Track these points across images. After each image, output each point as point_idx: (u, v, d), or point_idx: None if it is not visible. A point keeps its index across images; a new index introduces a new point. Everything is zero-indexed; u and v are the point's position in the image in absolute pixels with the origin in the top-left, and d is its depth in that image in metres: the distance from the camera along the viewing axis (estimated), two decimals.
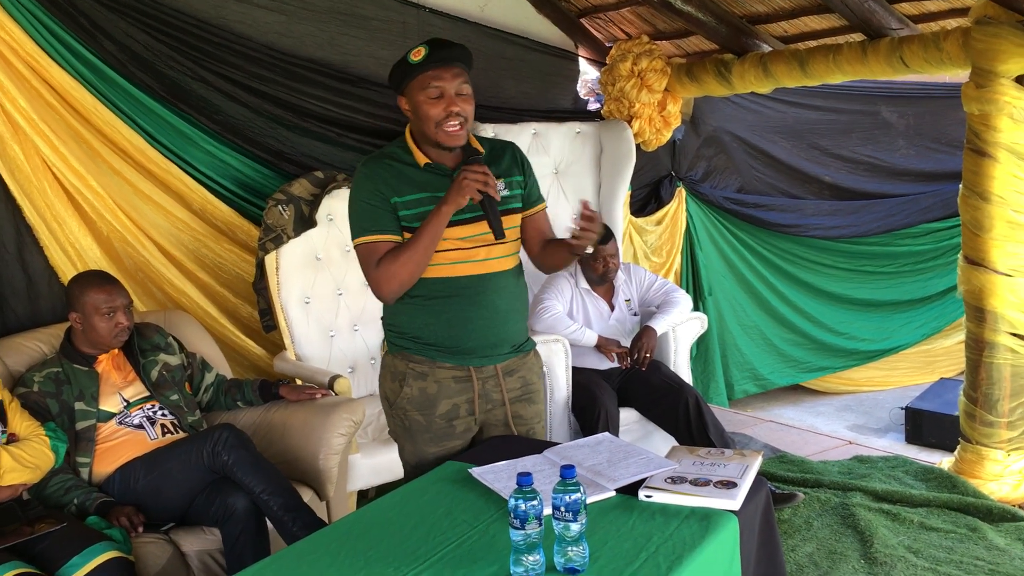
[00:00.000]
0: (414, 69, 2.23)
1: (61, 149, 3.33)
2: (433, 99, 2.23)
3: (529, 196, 2.43)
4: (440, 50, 2.23)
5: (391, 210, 2.27)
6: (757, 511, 2.04)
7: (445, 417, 2.37)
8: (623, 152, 4.69)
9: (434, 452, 2.39)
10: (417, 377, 2.36)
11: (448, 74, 2.23)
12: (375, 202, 2.28)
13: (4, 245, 3.26)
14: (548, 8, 4.91)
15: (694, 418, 3.65)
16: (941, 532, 3.41)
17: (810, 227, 5.81)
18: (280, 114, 4.00)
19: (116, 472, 2.77)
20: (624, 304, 4.01)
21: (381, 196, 2.27)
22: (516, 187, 2.39)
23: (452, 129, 2.24)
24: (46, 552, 2.38)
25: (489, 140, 2.47)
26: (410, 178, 2.30)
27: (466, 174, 2.18)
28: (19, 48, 3.23)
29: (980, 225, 3.77)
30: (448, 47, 2.25)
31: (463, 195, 2.18)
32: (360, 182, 2.31)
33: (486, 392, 2.39)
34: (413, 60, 2.23)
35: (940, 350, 6.25)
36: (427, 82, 2.23)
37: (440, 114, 2.23)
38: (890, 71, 4.08)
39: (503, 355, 2.39)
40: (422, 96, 2.24)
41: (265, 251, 3.68)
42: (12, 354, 3.01)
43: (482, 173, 2.18)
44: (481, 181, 2.18)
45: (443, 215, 2.21)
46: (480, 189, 2.18)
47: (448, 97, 2.23)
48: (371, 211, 2.28)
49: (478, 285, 2.31)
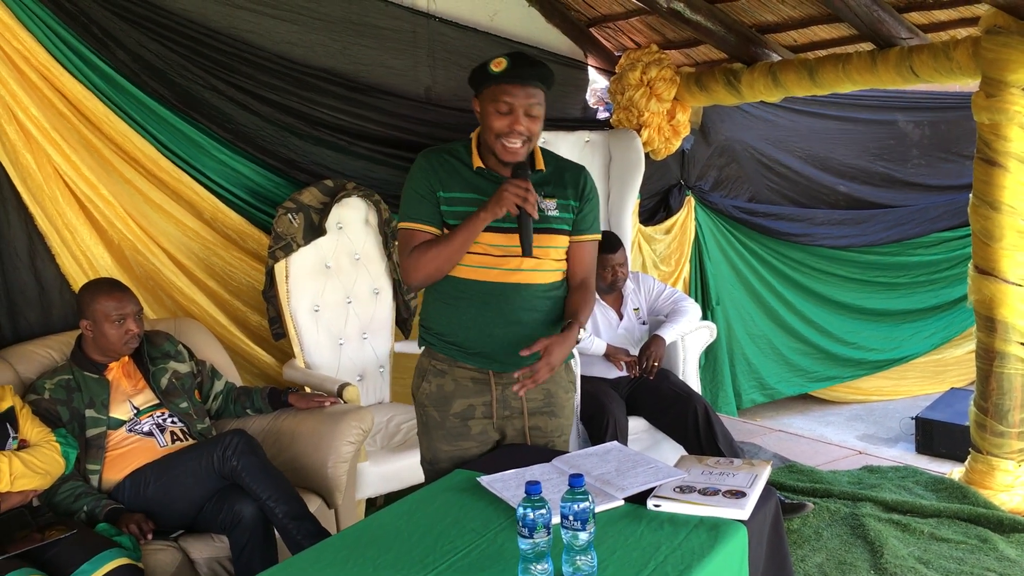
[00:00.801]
0: (490, 79, 2.24)
1: (73, 158, 3.35)
2: (501, 113, 2.24)
3: (579, 223, 2.40)
4: (520, 66, 2.23)
5: (436, 202, 2.31)
6: (766, 521, 2.03)
7: (460, 416, 2.38)
8: (632, 161, 4.70)
9: (447, 451, 2.40)
10: (437, 374, 2.40)
11: (522, 92, 2.23)
12: (422, 191, 2.32)
13: (16, 253, 3.28)
14: (557, 17, 4.92)
15: (703, 427, 3.64)
16: (952, 543, 3.39)
17: (819, 236, 5.80)
18: (291, 123, 4.02)
19: (126, 479, 2.78)
20: (633, 313, 4.01)
21: (429, 187, 2.31)
22: (568, 211, 2.38)
23: (512, 145, 2.25)
24: (56, 559, 2.39)
25: (558, 159, 2.46)
26: (462, 176, 2.33)
27: (507, 187, 2.20)
28: (31, 57, 3.25)
29: (990, 235, 3.76)
30: (529, 65, 2.25)
31: (501, 206, 2.21)
32: (415, 170, 2.35)
33: (505, 399, 2.40)
34: (493, 70, 2.24)
35: (950, 360, 6.22)
36: (499, 95, 2.23)
37: (504, 128, 2.24)
38: (899, 80, 4.08)
39: (528, 365, 2.37)
40: (491, 107, 2.25)
41: (275, 259, 3.70)
42: (24, 361, 3.03)
43: (523, 188, 2.20)
44: (520, 196, 2.19)
45: (479, 220, 2.23)
46: (518, 204, 2.20)
47: (516, 114, 2.23)
48: (417, 199, 2.32)
49: (501, 293, 2.32)
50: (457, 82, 4.49)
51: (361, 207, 3.98)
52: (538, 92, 2.26)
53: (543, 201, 2.32)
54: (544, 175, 2.37)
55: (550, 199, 2.34)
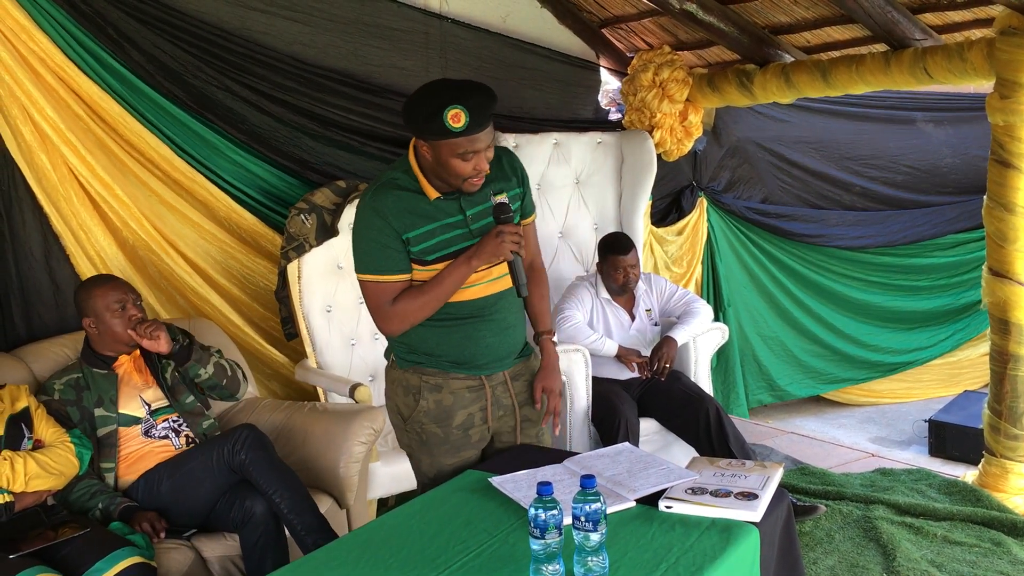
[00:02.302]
0: (451, 134, 2.11)
1: (88, 158, 3.37)
2: (466, 160, 2.16)
3: (524, 208, 2.41)
4: (478, 115, 2.11)
5: (402, 247, 2.23)
6: (778, 523, 2.03)
7: (462, 428, 2.39)
8: (644, 162, 4.69)
9: (451, 463, 2.40)
10: (432, 390, 2.37)
11: (485, 137, 2.15)
12: (385, 240, 2.22)
13: (31, 253, 3.31)
14: (570, 19, 4.92)
15: (714, 429, 3.63)
16: (965, 546, 3.38)
17: (833, 237, 5.77)
18: (304, 123, 4.03)
19: (140, 478, 2.80)
20: (645, 314, 4.01)
21: (393, 233, 2.21)
22: (517, 199, 2.37)
23: (477, 181, 2.22)
24: (69, 557, 2.41)
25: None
26: (421, 210, 2.24)
27: (505, 237, 2.20)
28: (47, 58, 3.27)
29: (1005, 237, 3.74)
30: (485, 107, 2.13)
31: (498, 255, 2.21)
32: (368, 217, 2.23)
33: (497, 399, 2.41)
34: (452, 126, 2.09)
35: (964, 362, 6.18)
36: (463, 146, 2.13)
37: (470, 172, 2.18)
38: (913, 82, 4.06)
39: (510, 362, 2.43)
40: (453, 157, 2.15)
41: (287, 260, 3.71)
42: (39, 360, 3.05)
43: (517, 235, 2.21)
44: (517, 244, 2.21)
45: (472, 268, 2.23)
46: (514, 251, 2.21)
47: (480, 156, 2.17)
48: (382, 250, 2.22)
49: (488, 304, 2.34)
50: None
51: None
52: (492, 128, 2.19)
53: (495, 199, 2.27)
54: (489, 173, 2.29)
55: (500, 195, 2.29)
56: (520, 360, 2.46)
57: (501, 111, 4.54)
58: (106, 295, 2.88)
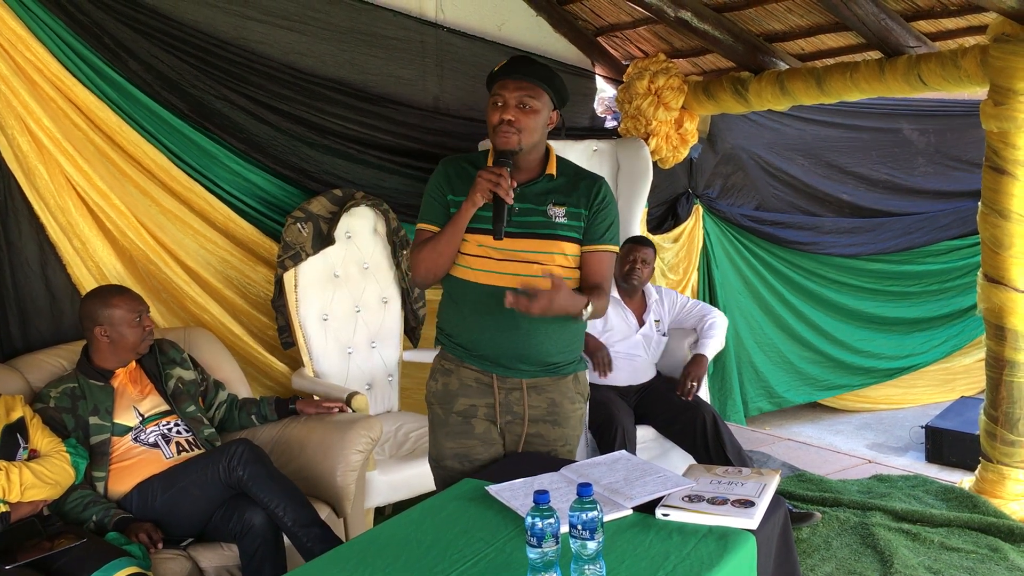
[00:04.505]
0: (492, 78, 2.34)
1: (85, 168, 3.36)
2: (496, 106, 2.31)
3: (591, 232, 2.39)
4: (516, 63, 2.34)
5: (445, 205, 2.38)
6: (775, 530, 2.03)
7: (462, 414, 2.41)
8: (640, 169, 4.70)
9: (451, 448, 2.42)
10: (444, 373, 2.45)
11: (512, 84, 2.29)
12: (434, 194, 2.41)
13: (28, 263, 3.30)
14: (565, 27, 4.94)
15: (711, 436, 3.64)
16: (962, 552, 3.38)
17: (827, 244, 5.79)
18: (302, 132, 4.04)
19: (134, 490, 2.79)
20: (653, 324, 4.02)
21: (440, 191, 2.40)
22: (578, 219, 2.37)
23: (502, 136, 2.29)
24: (66, 568, 2.40)
25: (578, 170, 2.46)
26: (472, 178, 2.33)
27: (481, 172, 2.25)
28: (44, 68, 3.27)
29: (1000, 243, 3.75)
30: (527, 63, 2.34)
31: (476, 192, 2.25)
32: (433, 176, 2.45)
33: (508, 403, 2.41)
34: (495, 70, 2.34)
35: (960, 368, 6.20)
36: (496, 90, 2.32)
37: (495, 120, 2.30)
38: (908, 89, 4.08)
39: (530, 372, 2.40)
40: (490, 103, 2.34)
41: (284, 268, 3.71)
42: (34, 371, 3.05)
43: (496, 174, 2.23)
44: (493, 182, 2.23)
45: (462, 212, 2.30)
46: (492, 189, 2.23)
47: (507, 105, 2.29)
48: (429, 202, 2.42)
49: (497, 295, 2.28)
50: (465, 92, 4.51)
51: (370, 216, 4.00)
52: (532, 87, 2.30)
53: (552, 208, 2.35)
54: (557, 182, 2.39)
55: (559, 206, 2.36)
56: (549, 375, 2.41)
57: None
58: (125, 306, 2.90)
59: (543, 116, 2.33)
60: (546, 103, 2.33)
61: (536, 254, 2.33)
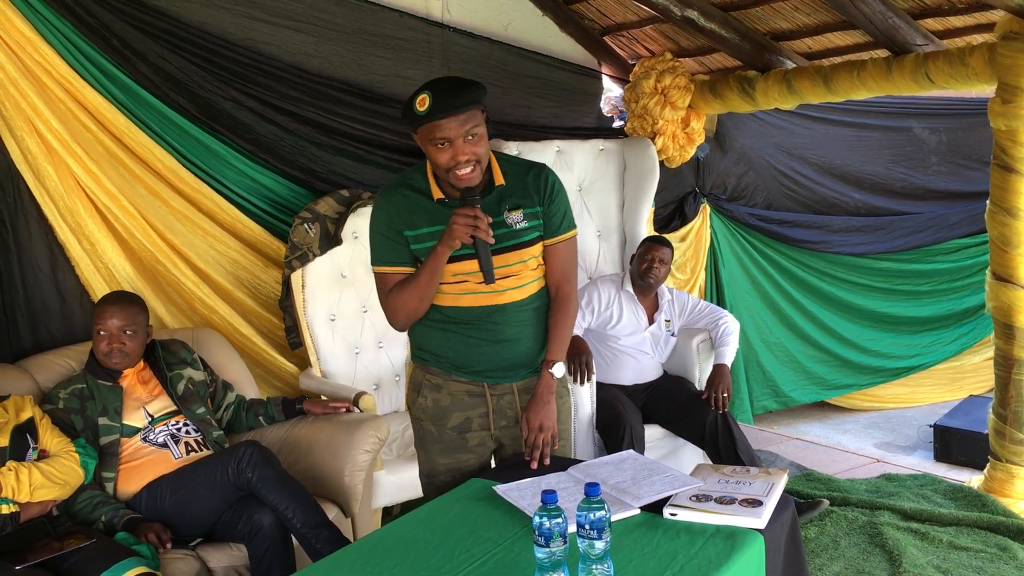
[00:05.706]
0: (418, 119, 2.16)
1: (94, 170, 3.38)
2: (441, 148, 2.17)
3: (549, 225, 2.34)
4: (443, 99, 2.13)
5: (403, 242, 2.29)
6: (783, 530, 2.03)
7: (457, 429, 2.39)
8: (647, 169, 4.70)
9: (445, 463, 2.41)
10: (432, 388, 2.40)
11: (453, 123, 2.14)
12: (388, 234, 2.30)
13: (37, 264, 3.32)
14: (571, 26, 4.93)
15: (722, 435, 3.64)
16: (971, 551, 3.37)
17: (837, 243, 5.77)
18: (309, 133, 4.04)
19: (143, 490, 2.80)
20: (664, 324, 4.02)
21: (394, 228, 2.29)
22: (536, 217, 2.32)
23: (463, 174, 2.18)
24: (75, 568, 2.41)
25: (516, 163, 2.39)
26: (425, 210, 2.28)
27: (455, 219, 2.15)
28: (53, 70, 3.29)
29: (1008, 241, 3.74)
30: (453, 94, 2.14)
31: (453, 239, 2.17)
32: (377, 212, 2.33)
33: (501, 408, 2.41)
34: (418, 110, 2.14)
35: (968, 367, 6.17)
36: (433, 132, 2.15)
37: (448, 162, 2.17)
38: (915, 87, 4.06)
39: (521, 375, 2.40)
40: (429, 145, 2.19)
41: (291, 269, 3.72)
42: (44, 371, 3.06)
43: (471, 216, 2.15)
44: (470, 225, 2.14)
45: (438, 255, 2.21)
46: (471, 233, 2.16)
47: (455, 146, 2.16)
48: (385, 242, 2.31)
49: (488, 315, 2.31)
50: None
51: None
52: (471, 115, 2.16)
53: (509, 215, 2.28)
54: (505, 187, 2.31)
55: (515, 211, 2.29)
56: (535, 374, 2.41)
57: (503, 118, 4.57)
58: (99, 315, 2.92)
59: (486, 131, 2.23)
60: (483, 117, 2.21)
61: (508, 267, 2.29)
